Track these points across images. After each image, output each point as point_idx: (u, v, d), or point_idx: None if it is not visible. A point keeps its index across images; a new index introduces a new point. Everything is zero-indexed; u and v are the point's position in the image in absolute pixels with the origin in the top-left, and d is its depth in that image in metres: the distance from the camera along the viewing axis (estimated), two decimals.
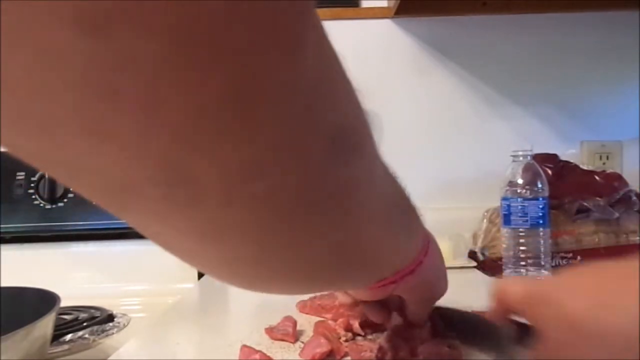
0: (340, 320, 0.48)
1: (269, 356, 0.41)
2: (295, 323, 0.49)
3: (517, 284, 0.35)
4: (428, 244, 0.37)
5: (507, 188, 0.71)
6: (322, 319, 0.52)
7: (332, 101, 0.19)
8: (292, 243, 0.21)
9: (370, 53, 1.02)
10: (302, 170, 0.18)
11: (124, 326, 0.64)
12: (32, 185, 0.87)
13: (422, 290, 0.39)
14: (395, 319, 0.43)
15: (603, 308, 0.27)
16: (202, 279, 0.83)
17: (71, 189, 0.18)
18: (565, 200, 0.78)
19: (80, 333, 0.61)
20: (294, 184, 0.18)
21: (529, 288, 0.33)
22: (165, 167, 0.14)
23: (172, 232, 0.19)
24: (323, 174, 0.19)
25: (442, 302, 0.44)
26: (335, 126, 0.19)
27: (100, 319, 0.65)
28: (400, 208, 0.30)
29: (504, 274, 0.71)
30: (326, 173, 0.19)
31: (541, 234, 0.69)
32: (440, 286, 0.41)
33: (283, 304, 0.50)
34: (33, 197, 0.87)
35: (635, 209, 0.78)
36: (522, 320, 0.35)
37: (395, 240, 0.31)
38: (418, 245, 0.35)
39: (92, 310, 0.69)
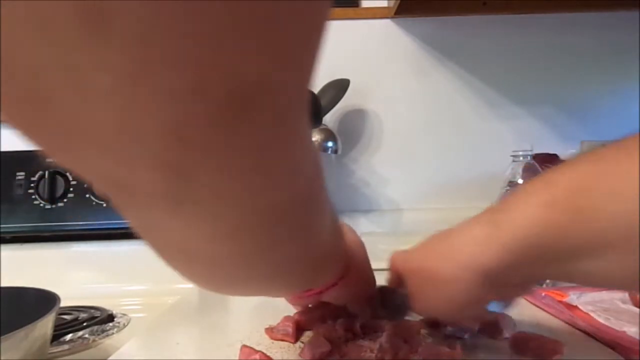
0: (340, 320, 0.48)
1: (269, 356, 0.41)
2: (295, 323, 0.48)
3: (397, 258, 0.43)
4: (348, 259, 0.40)
5: (507, 188, 0.71)
6: None
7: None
8: (263, 248, 0.24)
9: (370, 53, 1.02)
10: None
11: (124, 326, 0.64)
12: (32, 185, 0.87)
13: (348, 296, 0.44)
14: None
15: (438, 261, 0.37)
16: None
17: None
18: None
19: (80, 333, 0.61)
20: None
21: (400, 263, 0.41)
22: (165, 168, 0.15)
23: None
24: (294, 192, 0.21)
25: None
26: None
27: (100, 319, 0.65)
28: (335, 223, 0.34)
29: None
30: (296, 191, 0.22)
31: None
32: (365, 288, 0.45)
33: (283, 304, 0.50)
34: (33, 197, 0.87)
35: None
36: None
37: (332, 251, 0.35)
38: (341, 261, 0.39)
39: (92, 310, 0.69)
